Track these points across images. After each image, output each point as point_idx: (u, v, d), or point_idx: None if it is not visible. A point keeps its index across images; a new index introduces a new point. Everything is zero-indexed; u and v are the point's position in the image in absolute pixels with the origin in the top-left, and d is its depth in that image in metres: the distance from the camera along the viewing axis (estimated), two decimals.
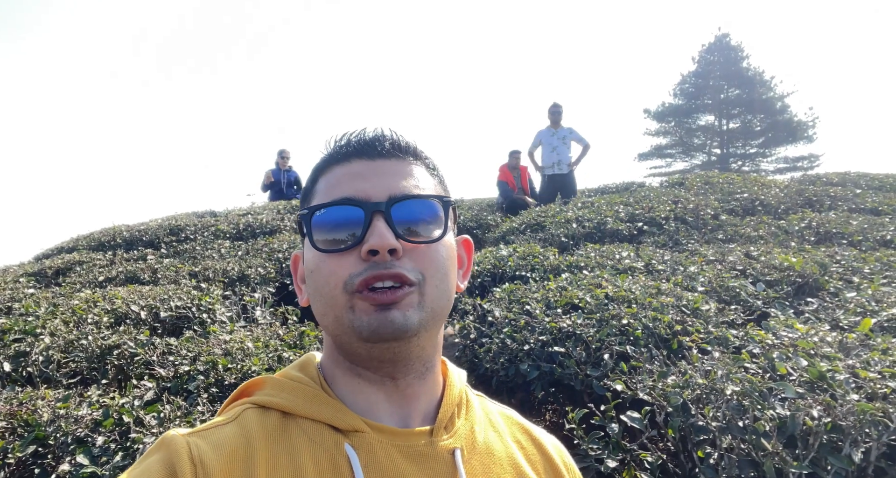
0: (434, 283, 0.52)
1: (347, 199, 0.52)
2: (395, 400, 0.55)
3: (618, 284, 2.47)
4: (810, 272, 2.74)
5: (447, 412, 0.56)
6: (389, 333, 0.49)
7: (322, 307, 0.53)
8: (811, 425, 1.30)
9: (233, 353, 2.25)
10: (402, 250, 0.50)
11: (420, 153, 0.58)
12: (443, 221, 0.54)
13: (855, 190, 4.58)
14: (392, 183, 0.53)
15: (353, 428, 0.51)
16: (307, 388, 0.54)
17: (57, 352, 2.28)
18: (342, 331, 0.52)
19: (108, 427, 1.63)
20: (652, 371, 1.70)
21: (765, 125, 31.21)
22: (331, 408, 0.52)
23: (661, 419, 1.47)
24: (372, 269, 0.49)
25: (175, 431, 0.50)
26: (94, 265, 4.57)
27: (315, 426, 0.51)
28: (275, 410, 0.53)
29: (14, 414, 1.63)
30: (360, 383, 0.54)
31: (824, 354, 1.70)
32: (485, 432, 0.58)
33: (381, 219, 0.51)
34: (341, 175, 0.54)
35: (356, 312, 0.50)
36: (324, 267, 0.52)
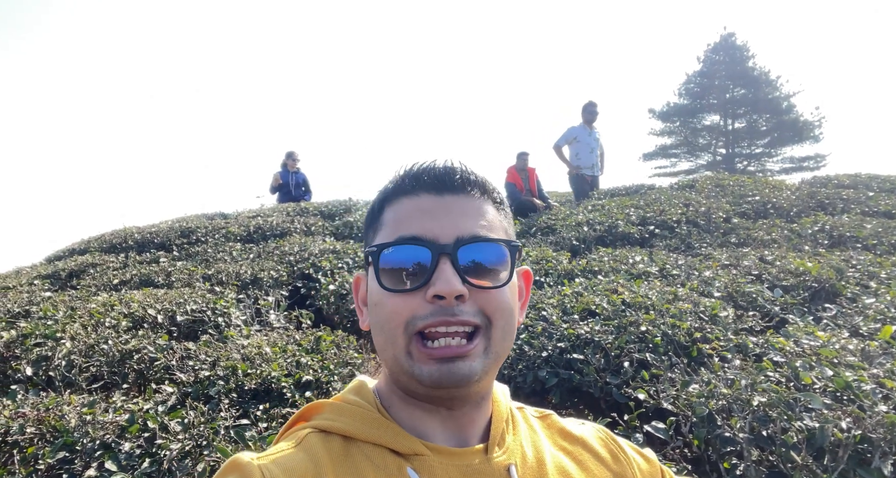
0: (500, 326, 0.52)
1: (414, 238, 0.52)
2: (451, 426, 0.56)
3: (634, 290, 2.47)
4: (826, 277, 2.73)
5: (498, 430, 0.57)
6: (453, 383, 0.50)
7: (382, 342, 0.54)
8: (840, 437, 1.30)
9: (251, 358, 2.26)
10: (468, 295, 0.51)
11: (488, 188, 0.58)
12: (509, 264, 0.54)
13: (867, 192, 4.55)
14: (460, 223, 0.53)
15: (414, 451, 0.52)
16: (366, 412, 0.55)
17: (78, 357, 2.30)
18: (400, 372, 0.53)
19: (134, 433, 1.64)
20: (674, 380, 1.70)
21: (770, 125, 31.02)
22: (391, 432, 0.53)
23: (686, 430, 1.47)
24: (437, 315, 0.50)
25: (244, 455, 0.50)
26: (107, 268, 4.60)
27: (376, 450, 0.52)
28: (336, 434, 0.53)
29: (42, 420, 1.65)
30: (416, 411, 0.55)
31: (848, 362, 1.69)
32: (533, 446, 0.59)
33: (448, 262, 0.51)
34: (410, 210, 0.54)
35: (414, 359, 0.51)
36: (387, 304, 0.52)
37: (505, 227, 0.58)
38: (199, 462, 1.51)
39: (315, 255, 4.38)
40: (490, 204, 0.57)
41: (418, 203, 0.54)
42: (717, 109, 31.68)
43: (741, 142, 31.50)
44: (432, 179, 0.55)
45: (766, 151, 31.10)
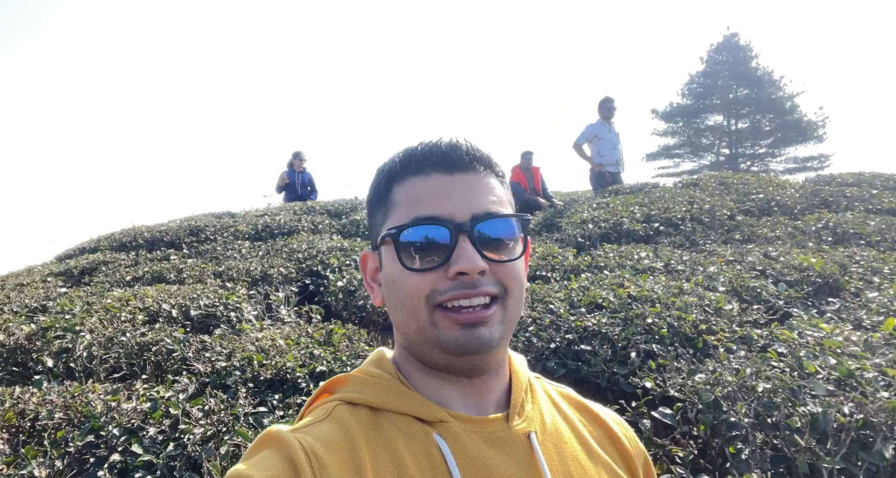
0: (515, 296, 0.55)
1: (432, 218, 0.54)
2: (470, 394, 0.58)
3: (640, 284, 2.51)
4: (830, 273, 2.77)
5: (518, 399, 0.59)
6: (476, 348, 0.53)
7: (404, 317, 0.56)
8: (843, 421, 1.35)
9: (266, 350, 2.32)
10: (488, 269, 0.53)
11: (492, 163, 0.60)
12: (521, 238, 0.57)
13: (871, 190, 4.58)
14: (472, 200, 0.55)
15: (438, 419, 0.54)
16: (390, 383, 0.57)
17: (98, 348, 2.36)
18: (424, 341, 0.55)
19: (158, 419, 1.70)
20: (680, 369, 1.74)
21: (774, 125, 30.94)
22: (415, 401, 0.55)
23: (693, 415, 1.51)
24: (458, 288, 0.52)
25: (280, 427, 0.52)
26: (118, 265, 4.67)
27: (403, 419, 0.54)
28: (363, 405, 0.55)
29: (69, 406, 1.71)
30: (435, 380, 0.58)
31: (851, 352, 1.73)
32: (551, 415, 0.61)
33: (467, 239, 0.53)
34: (422, 190, 0.56)
35: (440, 328, 0.53)
36: (408, 281, 0.54)
37: (509, 199, 0.60)
38: (222, 445, 1.57)
39: (323, 252, 4.44)
40: (494, 178, 0.59)
41: (430, 183, 0.56)
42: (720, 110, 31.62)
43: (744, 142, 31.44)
44: (440, 157, 0.57)
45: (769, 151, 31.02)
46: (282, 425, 0.52)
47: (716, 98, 32.28)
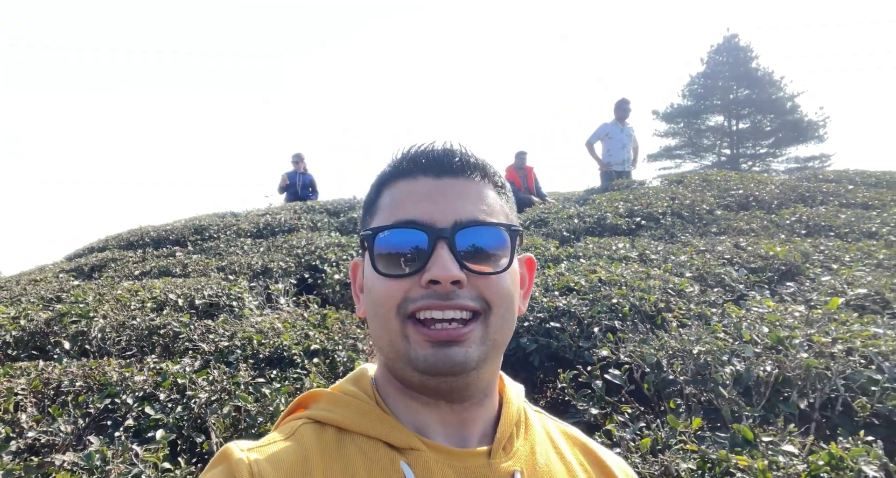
0: (499, 313, 0.50)
1: (411, 221, 0.50)
2: (451, 423, 0.53)
3: (610, 270, 2.71)
4: (793, 260, 2.96)
5: (505, 432, 0.54)
6: (448, 369, 0.48)
7: (377, 329, 0.52)
8: (762, 376, 1.54)
9: (265, 331, 2.53)
10: (466, 280, 0.49)
11: (489, 171, 0.56)
12: (509, 249, 0.52)
13: (847, 186, 4.76)
14: (458, 206, 0.51)
15: (409, 446, 0.50)
16: (362, 403, 0.53)
17: (111, 331, 2.58)
18: (396, 357, 0.51)
19: (167, 387, 1.91)
20: (635, 339, 1.94)
21: (775, 125, 30.98)
22: (386, 425, 0.51)
23: (638, 376, 1.71)
24: (430, 298, 0.48)
25: (235, 444, 0.50)
26: (127, 262, 4.90)
27: (370, 443, 0.50)
28: (331, 425, 0.52)
29: (88, 375, 1.93)
30: (414, 404, 0.53)
31: (788, 325, 1.93)
32: (546, 454, 0.55)
33: (445, 246, 0.49)
34: (407, 193, 0.53)
35: (411, 343, 0.49)
36: (380, 288, 0.51)
37: (507, 211, 0.56)
38: (225, 406, 1.78)
39: (321, 248, 4.65)
40: (491, 187, 0.55)
41: (415, 186, 0.53)
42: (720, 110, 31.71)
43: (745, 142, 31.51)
44: (430, 161, 0.54)
45: (770, 151, 31.07)
46: (241, 442, 0.51)
47: (716, 99, 32.35)
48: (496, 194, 0.55)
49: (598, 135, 6.90)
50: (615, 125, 6.84)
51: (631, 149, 6.88)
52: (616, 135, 6.81)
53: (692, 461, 1.20)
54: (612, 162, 6.85)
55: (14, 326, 2.62)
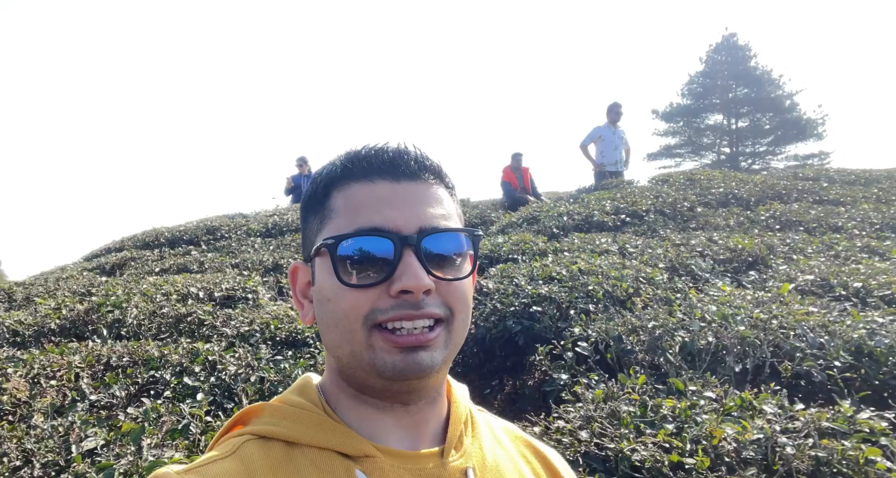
0: (461, 318, 0.51)
1: (375, 228, 0.49)
2: (405, 425, 0.53)
3: (590, 262, 3.01)
4: (758, 252, 3.25)
5: (456, 431, 0.55)
6: (414, 373, 0.48)
7: (336, 338, 0.50)
8: (702, 345, 1.84)
9: (280, 317, 2.84)
10: (434, 288, 0.49)
11: (442, 172, 0.55)
12: (470, 255, 0.53)
13: (822, 184, 5.03)
14: (420, 212, 0.50)
15: (363, 453, 0.49)
16: (310, 414, 0.52)
17: (145, 319, 2.90)
18: (358, 366, 0.50)
19: (200, 362, 2.22)
20: (604, 319, 2.24)
21: (774, 123, 31.15)
22: (338, 434, 0.50)
23: (603, 348, 2.01)
24: (400, 308, 0.48)
25: (168, 468, 0.47)
26: (146, 260, 5.23)
27: (322, 454, 0.49)
28: (277, 440, 0.50)
29: (133, 352, 2.24)
30: (367, 409, 0.53)
31: (736, 305, 2.22)
32: (493, 450, 0.57)
33: (412, 254, 0.48)
34: (365, 198, 0.51)
35: (377, 351, 0.48)
36: (345, 299, 0.49)
37: (459, 214, 0.56)
38: (251, 377, 2.08)
39: None
40: (444, 189, 0.55)
41: (373, 190, 0.51)
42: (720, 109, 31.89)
43: (745, 141, 31.68)
44: (386, 163, 0.52)
45: (769, 149, 31.23)
46: (175, 466, 0.48)
47: (715, 98, 32.53)
48: (449, 196, 0.55)
49: (591, 137, 7.25)
50: (608, 128, 7.18)
51: (623, 150, 7.20)
52: (608, 137, 7.16)
53: (634, 406, 1.50)
54: (606, 163, 7.19)
55: (57, 315, 2.94)
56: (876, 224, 3.89)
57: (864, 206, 4.40)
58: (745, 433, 1.26)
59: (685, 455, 1.22)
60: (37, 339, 2.81)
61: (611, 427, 1.40)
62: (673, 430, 1.34)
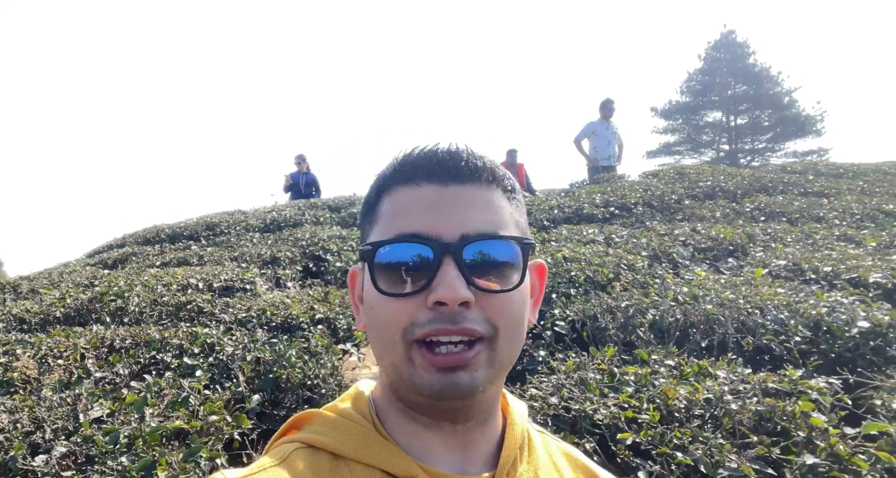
0: (507, 335, 0.48)
1: (415, 235, 0.47)
2: (453, 445, 0.51)
3: (575, 250, 3.12)
4: (739, 241, 3.36)
5: (509, 457, 0.52)
6: (454, 394, 0.47)
7: (379, 349, 0.50)
8: (670, 321, 1.96)
9: (276, 304, 2.96)
10: (473, 300, 0.46)
11: (498, 175, 0.52)
12: (521, 264, 0.49)
13: (808, 176, 5.14)
14: (466, 218, 0.48)
15: (410, 475, 0.48)
16: (360, 428, 0.51)
17: (146, 307, 3.01)
18: (400, 381, 0.49)
19: (199, 344, 2.34)
20: (582, 300, 2.36)
21: (773, 120, 31.18)
22: (385, 452, 0.49)
23: (579, 326, 2.13)
24: (436, 322, 0.46)
25: (222, 475, 0.48)
26: (147, 255, 5.35)
27: (368, 471, 0.48)
28: (325, 450, 0.50)
29: (135, 335, 2.36)
30: (415, 426, 0.51)
31: (708, 287, 2.34)
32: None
33: (452, 263, 0.46)
34: (409, 202, 0.50)
35: (416, 367, 0.47)
36: (384, 309, 0.48)
37: (517, 219, 0.52)
38: (247, 355, 2.20)
39: (324, 240, 5.08)
40: (500, 194, 0.52)
41: (419, 194, 0.50)
42: (719, 106, 31.92)
43: (744, 138, 31.73)
44: (434, 166, 0.50)
45: (768, 146, 31.28)
46: (230, 471, 0.49)
47: (714, 95, 32.54)
48: (506, 201, 0.52)
49: (585, 132, 7.37)
50: (601, 123, 7.30)
51: (616, 146, 7.31)
52: (602, 132, 7.28)
53: (601, 374, 1.61)
54: (599, 157, 7.32)
55: (62, 304, 3.06)
56: (857, 214, 3.99)
57: (848, 197, 4.50)
58: (696, 393, 1.38)
59: (640, 413, 1.34)
60: (42, 326, 2.93)
61: (578, 392, 1.51)
62: (633, 392, 1.45)
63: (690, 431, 1.24)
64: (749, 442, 1.22)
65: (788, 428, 1.24)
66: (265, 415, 2.01)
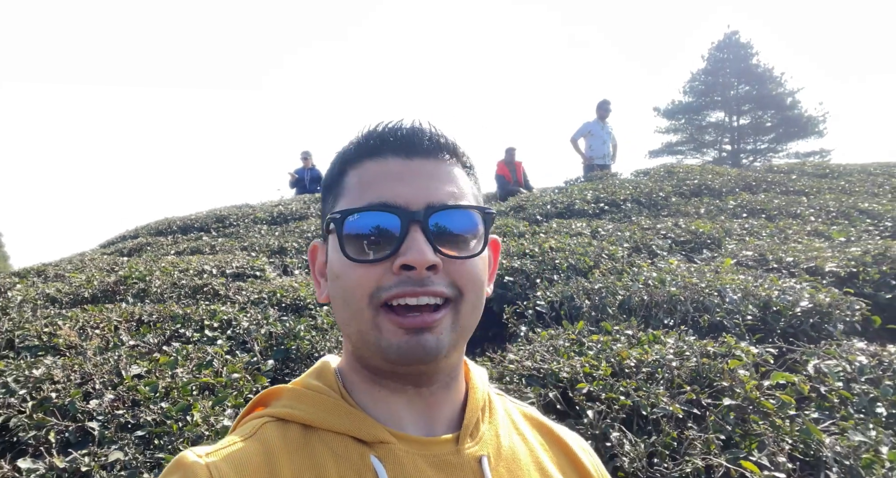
0: (470, 299, 0.50)
1: (383, 204, 0.49)
2: (419, 408, 0.53)
3: (560, 241, 3.38)
4: (716, 235, 3.61)
5: (472, 418, 0.55)
6: (419, 357, 0.48)
7: (345, 316, 0.51)
8: (637, 301, 2.21)
9: (286, 288, 3.22)
10: (441, 265, 0.48)
11: (459, 151, 0.55)
12: (482, 233, 0.52)
13: (791, 176, 5.37)
14: (431, 188, 0.50)
15: (378, 439, 0.50)
16: (327, 398, 0.53)
17: (167, 289, 3.29)
18: (365, 347, 0.50)
19: (218, 320, 2.60)
20: (562, 284, 2.62)
21: (775, 121, 31.25)
22: (354, 419, 0.51)
23: (558, 306, 2.39)
24: (404, 285, 0.47)
25: (191, 452, 0.48)
26: (161, 245, 5.64)
27: (338, 439, 0.50)
28: (295, 423, 0.51)
29: (160, 311, 2.63)
30: (382, 392, 0.53)
31: (676, 273, 2.59)
32: (510, 437, 0.56)
33: (419, 229, 0.48)
34: (376, 174, 0.51)
35: (383, 332, 0.48)
36: (350, 275, 0.49)
37: (475, 193, 0.55)
38: (261, 329, 2.47)
39: None
40: (460, 168, 0.54)
41: (385, 166, 0.51)
42: (721, 106, 31.98)
43: (746, 138, 31.81)
44: (399, 140, 0.52)
45: (771, 146, 31.35)
46: (197, 448, 0.49)
47: (717, 95, 32.59)
48: (466, 175, 0.55)
49: (581, 132, 7.65)
50: (597, 123, 7.58)
51: (611, 145, 7.57)
52: (598, 132, 7.56)
53: (569, 342, 1.87)
54: (595, 156, 7.60)
55: (90, 285, 3.34)
56: (832, 212, 4.23)
57: (826, 196, 4.74)
58: (645, 355, 1.63)
59: (597, 369, 1.60)
60: (72, 305, 3.20)
61: (549, 356, 1.77)
62: (594, 355, 1.71)
63: (636, 382, 1.50)
64: (683, 391, 1.47)
65: (716, 380, 1.50)
66: (277, 381, 2.27)
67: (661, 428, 1.33)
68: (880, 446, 1.16)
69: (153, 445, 1.45)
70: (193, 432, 1.49)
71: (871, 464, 1.11)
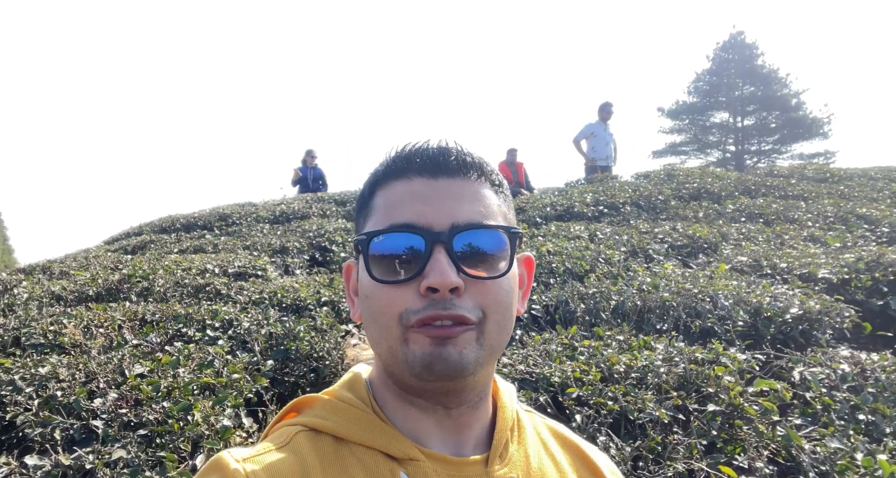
0: (495, 319, 0.50)
1: (407, 225, 0.50)
2: (448, 428, 0.54)
3: (558, 244, 3.42)
4: (712, 239, 3.64)
5: (501, 439, 0.55)
6: (442, 370, 0.48)
7: (376, 335, 0.52)
8: (630, 306, 2.25)
9: (286, 288, 3.27)
10: (463, 286, 0.48)
11: (486, 170, 0.55)
12: (508, 253, 0.51)
13: (790, 180, 5.38)
14: (455, 208, 0.50)
15: (409, 456, 0.50)
16: (359, 412, 0.54)
17: (170, 288, 3.34)
18: (394, 362, 0.51)
19: (219, 319, 2.66)
20: (557, 288, 2.66)
21: (780, 122, 31.13)
22: (385, 435, 0.52)
23: (553, 310, 2.43)
24: (430, 308, 0.48)
25: (229, 454, 0.49)
26: (164, 243, 5.70)
27: (369, 453, 0.50)
28: (327, 433, 0.52)
29: (163, 310, 2.68)
30: (411, 410, 0.54)
31: (670, 278, 2.63)
32: (539, 457, 0.56)
33: (443, 251, 0.48)
34: (401, 194, 0.52)
35: (409, 345, 0.49)
36: (379, 296, 0.50)
37: (504, 212, 0.55)
38: (261, 330, 2.52)
39: (330, 231, 5.40)
40: (488, 187, 0.54)
41: (410, 187, 0.52)
42: (726, 107, 31.86)
43: (751, 139, 31.70)
44: (425, 160, 0.53)
45: (775, 147, 31.23)
46: (235, 450, 0.50)
47: (722, 96, 32.47)
48: (493, 194, 0.54)
49: (584, 133, 7.69)
50: (599, 125, 7.62)
51: (610, 147, 7.61)
52: (600, 133, 7.60)
53: (561, 347, 1.91)
54: (597, 157, 7.64)
55: (94, 283, 3.39)
56: (830, 217, 4.25)
57: (825, 201, 4.75)
58: (634, 360, 1.67)
59: (587, 375, 1.64)
60: (77, 303, 3.26)
61: (541, 360, 1.81)
62: (585, 360, 1.75)
63: (624, 387, 1.54)
64: (669, 396, 1.51)
65: (703, 386, 1.54)
66: (277, 381, 2.32)
67: (646, 433, 1.38)
68: (856, 453, 1.20)
69: (155, 443, 1.50)
70: (194, 431, 1.54)
71: (845, 470, 1.15)
